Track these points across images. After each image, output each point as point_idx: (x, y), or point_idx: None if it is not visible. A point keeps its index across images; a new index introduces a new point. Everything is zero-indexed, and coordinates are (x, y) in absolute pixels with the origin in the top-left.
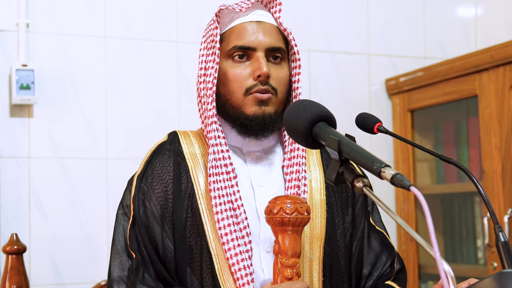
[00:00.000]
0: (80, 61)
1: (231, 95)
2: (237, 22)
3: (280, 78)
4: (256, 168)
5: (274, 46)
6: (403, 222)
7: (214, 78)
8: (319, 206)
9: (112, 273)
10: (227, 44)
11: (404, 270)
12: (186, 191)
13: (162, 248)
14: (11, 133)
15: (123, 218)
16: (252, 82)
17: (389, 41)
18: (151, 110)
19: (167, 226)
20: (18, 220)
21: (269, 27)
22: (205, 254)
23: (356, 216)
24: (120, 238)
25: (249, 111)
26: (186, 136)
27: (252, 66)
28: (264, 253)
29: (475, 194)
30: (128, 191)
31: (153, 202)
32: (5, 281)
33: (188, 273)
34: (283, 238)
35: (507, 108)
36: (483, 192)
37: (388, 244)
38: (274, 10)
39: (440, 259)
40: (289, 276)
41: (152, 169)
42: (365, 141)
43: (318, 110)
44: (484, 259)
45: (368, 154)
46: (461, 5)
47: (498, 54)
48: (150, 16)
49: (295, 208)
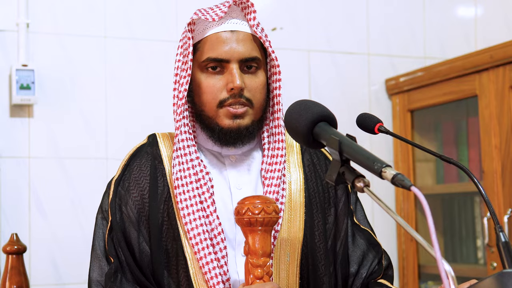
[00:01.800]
0: (80, 61)
1: (205, 106)
2: (211, 32)
3: (255, 87)
4: (235, 171)
5: (248, 57)
6: (404, 222)
7: (185, 90)
8: (297, 209)
9: (92, 277)
10: (200, 55)
11: (391, 266)
12: (162, 194)
13: (138, 252)
14: (11, 133)
15: (102, 223)
16: (225, 94)
17: (389, 41)
18: (151, 110)
19: (143, 229)
20: (18, 220)
21: (243, 36)
22: (181, 257)
23: (339, 216)
24: (100, 243)
25: (223, 123)
26: (165, 138)
27: (226, 78)
28: (240, 257)
29: (475, 194)
30: (106, 195)
31: (130, 206)
32: (5, 281)
33: (165, 276)
34: (252, 238)
35: (507, 108)
36: (484, 192)
37: (374, 242)
38: (249, 17)
39: (441, 259)
40: (259, 276)
41: (129, 173)
42: (365, 141)
43: (319, 110)
44: (484, 259)
45: (369, 154)
46: (461, 5)
47: (498, 54)
48: (150, 16)
49: (262, 208)
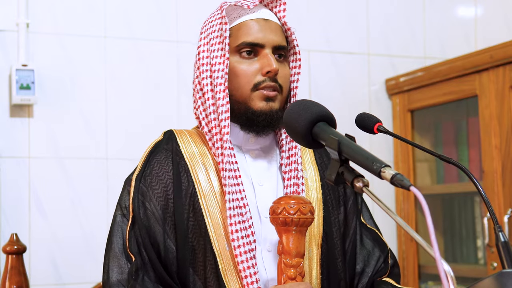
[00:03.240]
0: (80, 61)
1: (237, 90)
2: (245, 18)
3: (285, 76)
4: (256, 167)
5: (280, 45)
6: (403, 222)
7: (226, 73)
8: (316, 205)
9: (111, 277)
10: (235, 40)
11: (397, 264)
12: (187, 191)
13: (163, 250)
14: (11, 133)
15: (121, 220)
16: (260, 78)
17: (389, 41)
18: (151, 110)
19: (168, 227)
20: (18, 220)
21: (275, 25)
22: (209, 254)
23: (348, 214)
24: (118, 241)
25: (256, 107)
26: (183, 135)
27: (261, 62)
28: (266, 252)
29: (475, 194)
30: (126, 192)
31: (153, 203)
32: (5, 281)
33: (191, 274)
34: (286, 238)
35: (507, 108)
36: (483, 192)
37: (380, 241)
38: (278, 9)
39: (440, 259)
40: (292, 276)
41: (150, 169)
42: (365, 141)
43: (318, 110)
44: (484, 259)
45: (368, 154)
46: (461, 5)
47: (498, 54)
48: (150, 16)
49: (298, 209)
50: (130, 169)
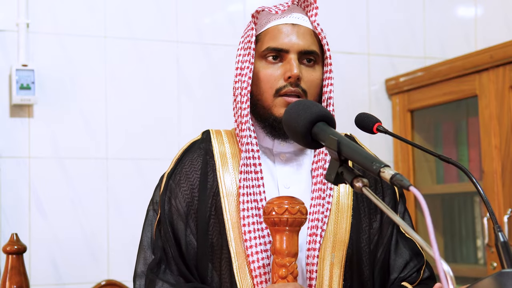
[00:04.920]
0: (80, 61)
1: (261, 95)
2: (273, 24)
3: (312, 80)
4: (284, 170)
5: (307, 49)
6: (402, 222)
7: (249, 78)
8: (345, 211)
9: (137, 269)
10: (261, 45)
11: (433, 277)
12: (211, 189)
13: (185, 244)
14: (11, 133)
15: (152, 215)
16: (282, 83)
17: (389, 41)
18: (151, 110)
19: (191, 222)
20: (18, 220)
21: (304, 30)
22: (225, 251)
23: (384, 223)
24: (147, 234)
25: (278, 113)
26: (218, 135)
27: (284, 67)
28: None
29: (475, 194)
30: (158, 188)
31: (179, 199)
32: (5, 281)
33: (210, 269)
34: (279, 238)
35: (507, 108)
36: (482, 192)
37: (417, 252)
38: (311, 13)
39: (439, 259)
40: (283, 275)
41: (181, 167)
42: (365, 141)
43: (317, 110)
44: (484, 259)
45: (367, 154)
46: (461, 5)
47: (498, 54)
48: (150, 16)
49: (286, 209)
50: (130, 169)
